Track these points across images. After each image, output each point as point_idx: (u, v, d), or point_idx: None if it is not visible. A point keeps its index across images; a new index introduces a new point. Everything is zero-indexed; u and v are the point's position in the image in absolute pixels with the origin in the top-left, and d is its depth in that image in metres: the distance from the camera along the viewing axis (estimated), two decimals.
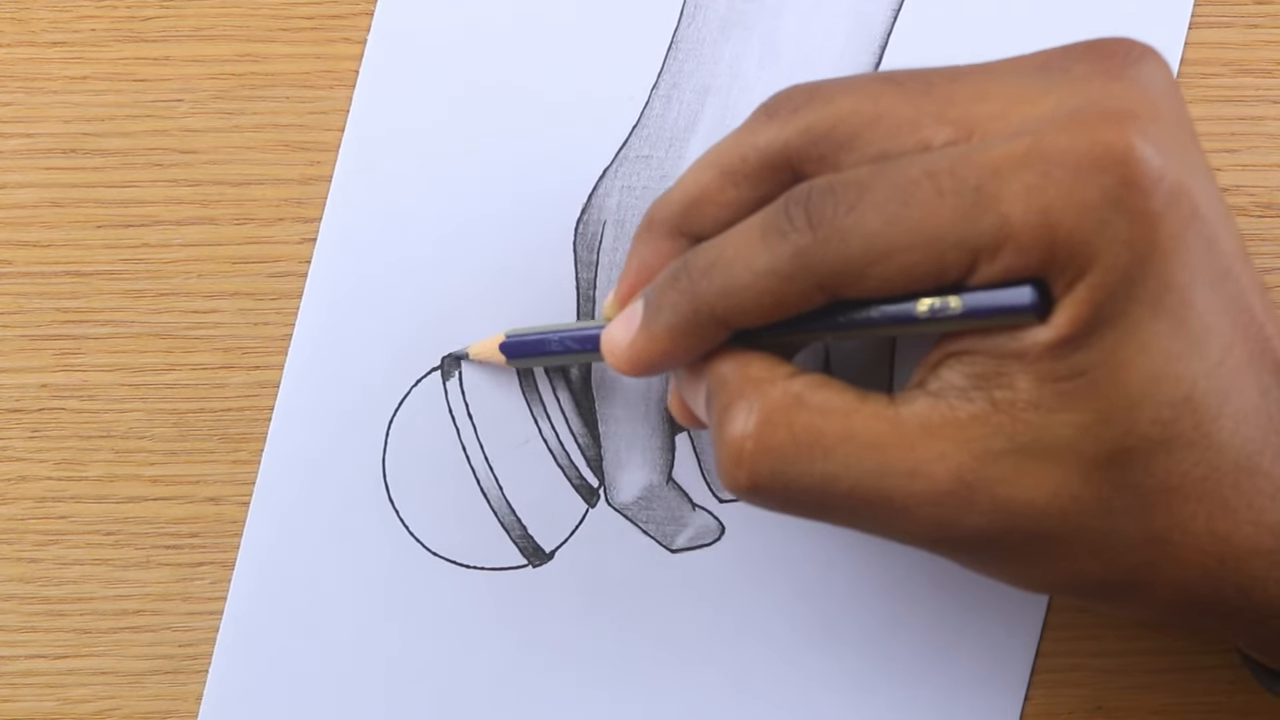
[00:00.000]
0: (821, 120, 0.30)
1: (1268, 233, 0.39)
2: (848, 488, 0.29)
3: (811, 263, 0.28)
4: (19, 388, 0.39)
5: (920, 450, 0.28)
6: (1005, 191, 0.27)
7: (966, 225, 0.27)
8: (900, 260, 0.28)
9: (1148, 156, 0.27)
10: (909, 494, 0.28)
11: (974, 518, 0.28)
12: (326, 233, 0.39)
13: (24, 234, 0.39)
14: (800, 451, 0.29)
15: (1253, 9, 0.39)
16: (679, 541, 0.38)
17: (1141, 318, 0.27)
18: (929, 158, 0.28)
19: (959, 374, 0.29)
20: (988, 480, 0.28)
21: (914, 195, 0.28)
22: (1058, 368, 0.27)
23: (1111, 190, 0.26)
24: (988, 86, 0.29)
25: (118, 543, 0.38)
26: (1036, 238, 0.27)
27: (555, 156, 0.39)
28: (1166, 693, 0.38)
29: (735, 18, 0.39)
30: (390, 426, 0.38)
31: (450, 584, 0.38)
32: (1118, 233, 0.26)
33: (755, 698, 0.38)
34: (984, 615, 0.38)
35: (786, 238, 0.29)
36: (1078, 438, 0.28)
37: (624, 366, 0.32)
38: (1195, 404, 0.27)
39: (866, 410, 0.29)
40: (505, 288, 0.39)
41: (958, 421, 0.28)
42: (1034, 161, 0.27)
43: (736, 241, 0.30)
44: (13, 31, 0.39)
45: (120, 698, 0.38)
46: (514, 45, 0.39)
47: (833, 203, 0.28)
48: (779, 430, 0.29)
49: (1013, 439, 0.28)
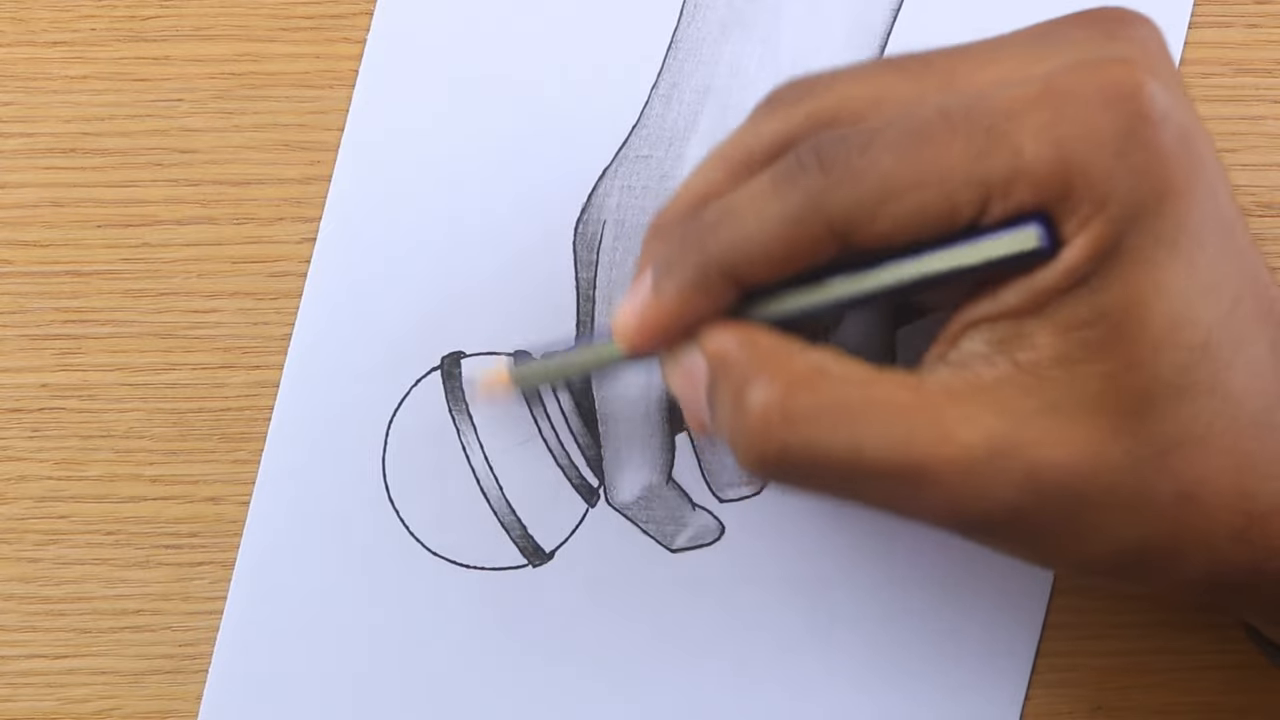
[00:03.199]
0: (824, 106, 0.30)
1: (1268, 232, 0.39)
2: (876, 457, 0.28)
3: (823, 203, 0.28)
4: (19, 388, 0.39)
5: (949, 415, 0.28)
6: (1018, 129, 0.27)
7: (979, 162, 0.27)
8: (912, 199, 0.27)
9: (1157, 95, 0.27)
10: (939, 460, 0.28)
11: (1006, 489, 0.28)
12: (326, 233, 0.39)
13: (24, 234, 0.39)
14: (828, 418, 0.28)
15: (1253, 9, 0.39)
16: (679, 541, 0.38)
17: (1159, 256, 0.27)
18: (943, 101, 0.28)
19: (979, 342, 0.29)
20: (1018, 444, 0.28)
21: (927, 134, 0.28)
22: (1079, 312, 0.27)
23: (1125, 124, 0.27)
24: (987, 56, 0.29)
25: (118, 542, 0.38)
26: (1050, 171, 0.27)
27: (555, 156, 0.39)
28: (1166, 693, 0.38)
29: (735, 18, 0.39)
30: (390, 426, 0.38)
31: (450, 584, 0.38)
32: (1133, 164, 0.27)
33: (755, 697, 0.38)
34: (984, 615, 0.38)
35: (797, 182, 0.28)
36: (1104, 389, 0.27)
37: (635, 338, 0.31)
38: (1211, 351, 0.27)
39: (889, 380, 0.29)
40: (505, 287, 0.39)
41: (983, 386, 0.28)
42: (1046, 100, 0.27)
43: (747, 193, 0.29)
44: (13, 31, 0.39)
45: (120, 698, 0.38)
46: (514, 45, 0.39)
47: (845, 145, 0.28)
48: (805, 398, 0.28)
49: (1040, 398, 0.28)
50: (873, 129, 0.28)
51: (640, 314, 0.31)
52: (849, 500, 0.30)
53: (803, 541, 0.38)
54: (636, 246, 0.38)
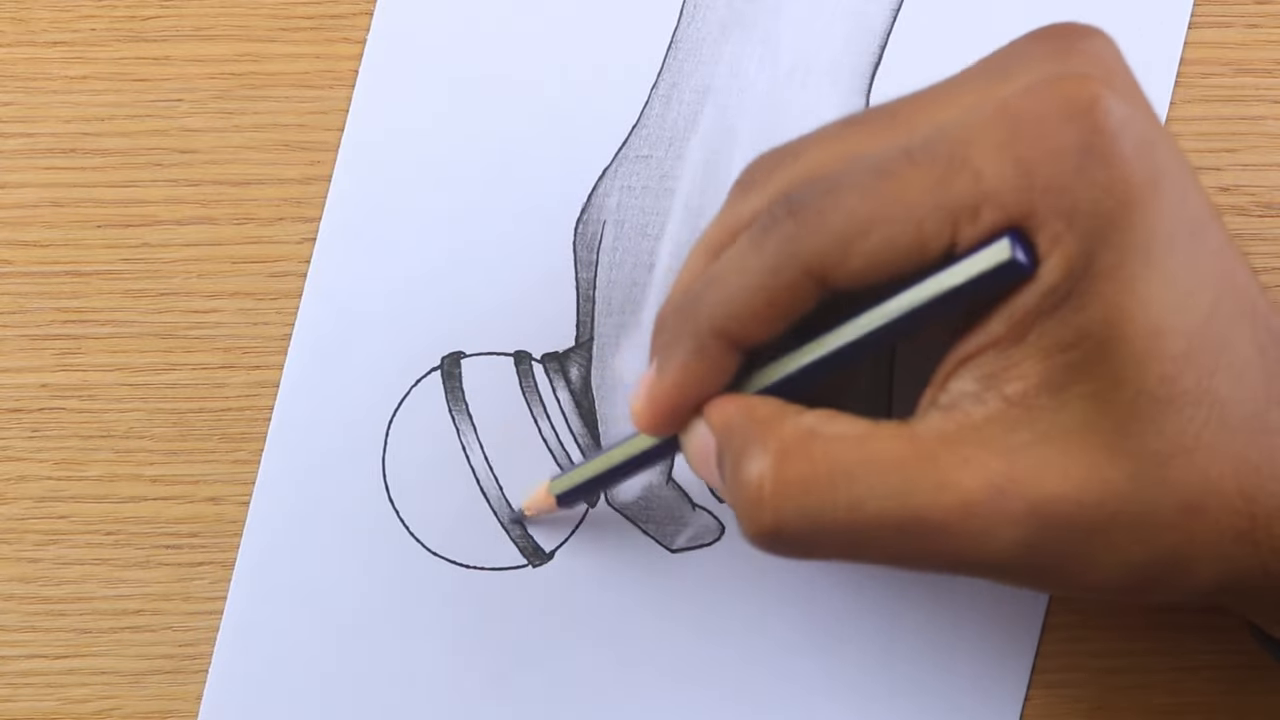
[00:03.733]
0: (796, 175, 0.30)
1: (1268, 233, 0.39)
2: (876, 513, 0.28)
3: (796, 249, 0.29)
4: (19, 388, 0.39)
5: (944, 462, 0.28)
6: (976, 153, 0.27)
7: (941, 190, 0.27)
8: (881, 234, 0.28)
9: (1113, 107, 0.27)
10: (940, 509, 0.28)
11: (1011, 528, 0.28)
12: (326, 233, 0.39)
13: (24, 234, 0.39)
14: (822, 482, 0.28)
15: (1253, 9, 0.39)
16: (679, 541, 0.38)
17: (1133, 269, 0.27)
18: (904, 140, 0.28)
19: (967, 381, 0.29)
20: (1017, 481, 0.28)
21: (889, 170, 0.28)
22: (1061, 334, 0.27)
23: (1083, 138, 0.27)
24: (946, 96, 0.29)
25: (118, 543, 0.38)
26: (1014, 190, 0.27)
27: (555, 156, 0.39)
28: (1166, 693, 0.38)
29: (735, 18, 0.39)
30: (390, 426, 0.38)
31: (450, 584, 0.38)
32: (1094, 177, 0.27)
33: (755, 698, 0.38)
34: (984, 616, 0.38)
35: (769, 232, 0.29)
36: (1094, 411, 0.27)
37: (650, 422, 0.31)
38: (1193, 358, 0.27)
39: (883, 433, 0.29)
40: (505, 287, 0.39)
41: (974, 426, 0.28)
42: (1002, 122, 0.27)
43: (728, 256, 0.30)
44: (13, 31, 0.39)
45: (120, 698, 0.38)
46: (514, 45, 0.39)
47: (812, 190, 0.29)
48: (797, 464, 0.29)
49: (1032, 430, 0.28)
50: (839, 173, 0.29)
51: (649, 394, 0.31)
52: (855, 561, 0.30)
53: None
54: (636, 246, 0.38)
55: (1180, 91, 0.39)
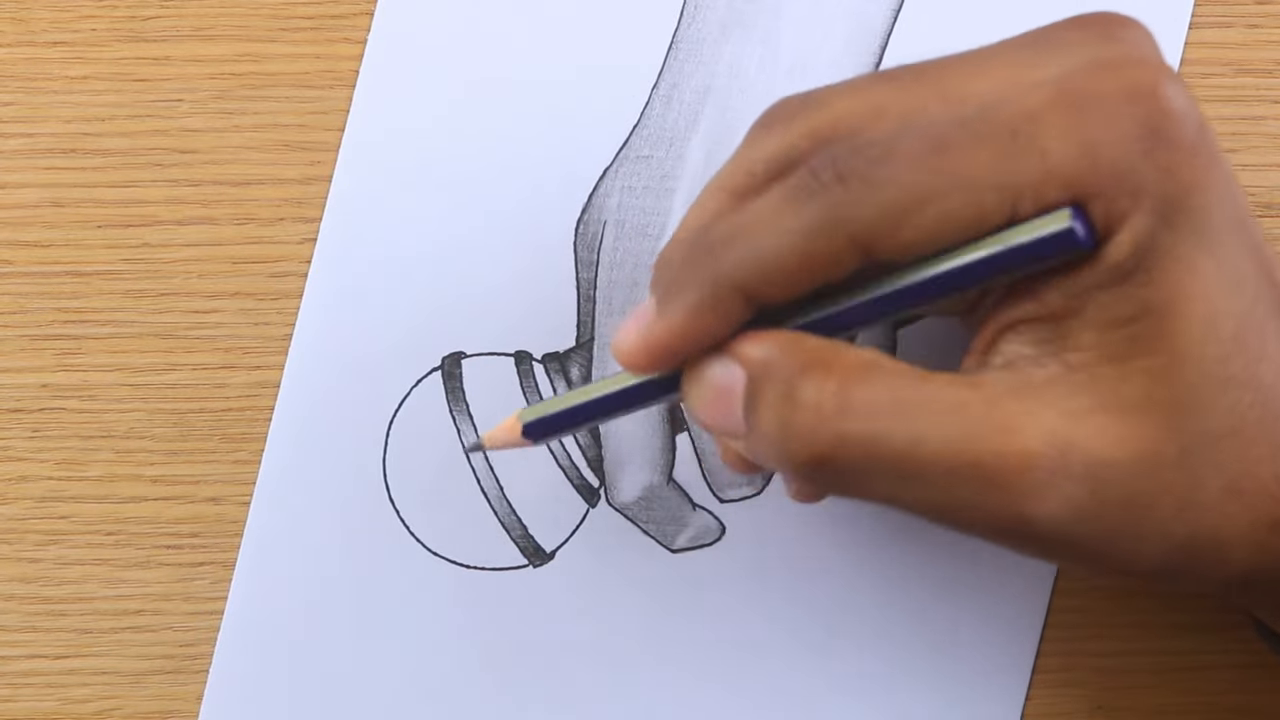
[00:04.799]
0: (823, 121, 0.30)
1: (1268, 233, 0.39)
2: (934, 451, 0.28)
3: (844, 216, 0.28)
4: (19, 388, 0.39)
5: (1009, 409, 0.28)
6: (1042, 131, 0.27)
7: (1006, 166, 0.27)
8: (939, 207, 0.27)
9: (1175, 91, 0.27)
10: (1002, 457, 0.27)
11: (1068, 485, 0.27)
12: (326, 233, 0.39)
13: (24, 234, 0.39)
14: (885, 410, 0.28)
15: (1253, 9, 0.39)
16: (679, 541, 0.38)
17: (1194, 252, 0.27)
18: (956, 111, 0.28)
19: (1023, 344, 0.28)
20: (1077, 442, 0.27)
21: (948, 142, 0.27)
22: (1124, 309, 0.27)
23: (1148, 121, 0.27)
24: (981, 65, 0.29)
25: (118, 543, 0.38)
26: (1079, 171, 0.27)
27: (555, 156, 0.39)
28: (1166, 693, 0.38)
29: (735, 18, 0.39)
30: (390, 426, 0.38)
31: (450, 584, 0.38)
32: (1160, 160, 0.27)
33: (755, 698, 0.38)
34: (984, 615, 0.38)
35: (815, 195, 0.28)
36: (1154, 384, 0.27)
37: (639, 359, 0.30)
38: (1243, 342, 0.28)
39: (945, 378, 0.28)
40: (505, 288, 0.39)
41: (1035, 386, 0.28)
42: (1067, 102, 0.27)
43: (759, 210, 0.29)
44: (13, 31, 0.39)
45: (120, 698, 0.38)
46: (514, 45, 0.39)
47: (863, 158, 0.28)
48: (862, 389, 0.28)
49: (1094, 397, 0.28)
50: (888, 140, 0.28)
51: (646, 335, 0.30)
52: (902, 504, 0.29)
53: (803, 542, 0.38)
54: (637, 247, 0.38)
55: None
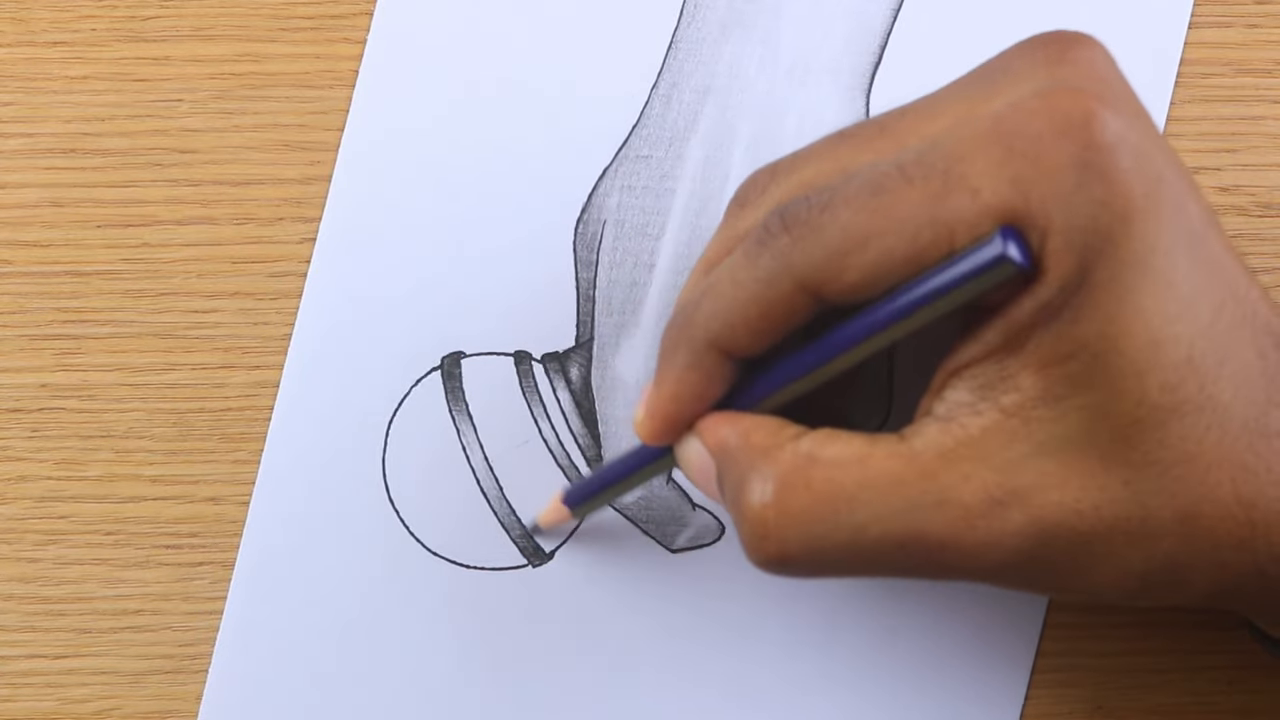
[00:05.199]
0: (789, 192, 0.31)
1: (1267, 233, 0.39)
2: (879, 534, 0.29)
3: (790, 262, 0.29)
4: (19, 388, 0.39)
5: (943, 477, 0.28)
6: (972, 169, 0.27)
7: (937, 205, 0.27)
8: (876, 247, 0.28)
9: (1108, 120, 0.27)
10: (941, 525, 0.28)
11: (1011, 538, 0.28)
12: (326, 233, 0.39)
13: (24, 234, 0.39)
14: (824, 509, 0.29)
15: (1253, 9, 0.39)
16: (679, 541, 0.38)
17: (1132, 281, 0.27)
18: (896, 155, 0.28)
19: (963, 391, 0.29)
20: (1016, 493, 0.28)
21: (883, 186, 0.28)
22: (1058, 347, 0.27)
23: (1078, 154, 0.27)
24: (937, 107, 0.29)
25: (118, 543, 0.38)
26: (1010, 206, 0.27)
27: (555, 156, 0.39)
28: (1166, 693, 0.38)
29: (735, 18, 0.39)
30: (390, 426, 0.38)
31: (450, 584, 0.38)
32: (1091, 193, 0.27)
33: (755, 698, 0.38)
34: (984, 615, 0.38)
35: (765, 245, 0.29)
36: (1091, 422, 0.28)
37: (648, 429, 0.32)
38: (1195, 365, 0.27)
39: (880, 452, 0.29)
40: (505, 288, 0.39)
41: (971, 439, 0.28)
42: (997, 138, 0.27)
43: (723, 267, 0.30)
44: (13, 31, 0.39)
45: (120, 698, 0.38)
46: (514, 45, 0.39)
47: (806, 206, 0.29)
48: (798, 493, 0.29)
49: (1029, 441, 0.28)
50: (832, 187, 0.29)
51: (648, 405, 0.32)
52: (862, 576, 0.30)
53: None
54: (636, 246, 0.38)
55: (1180, 91, 0.39)
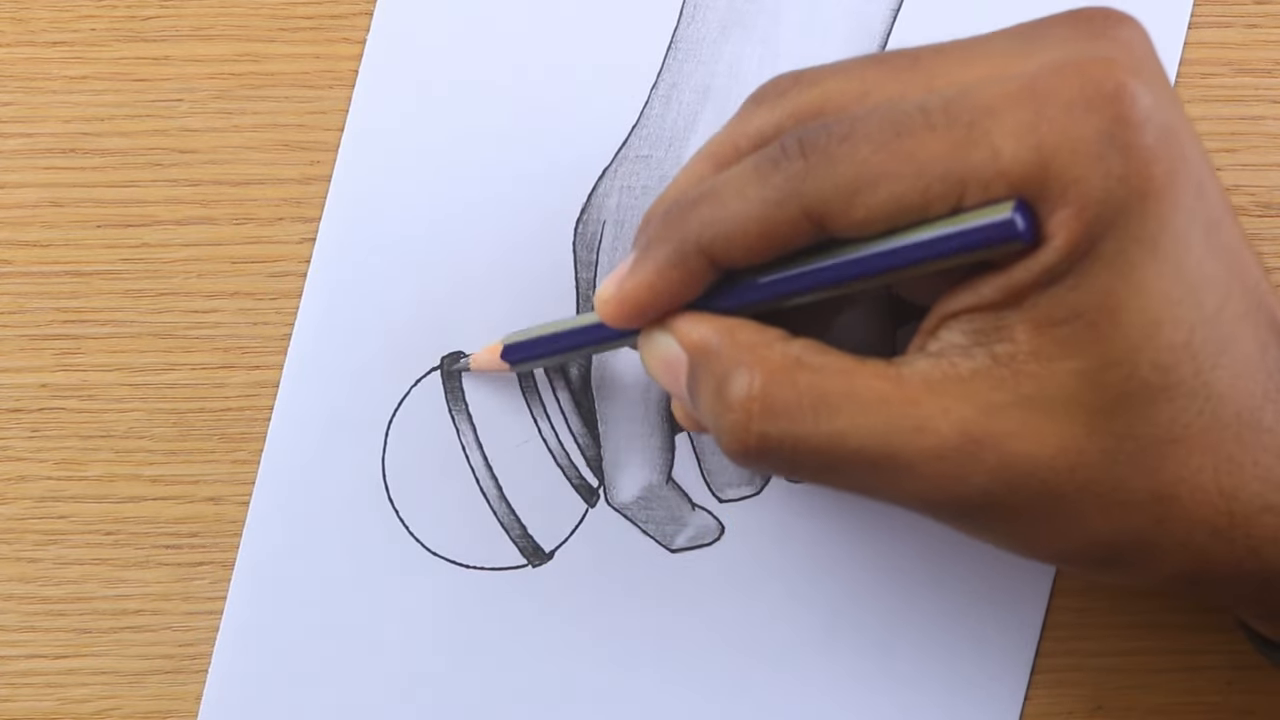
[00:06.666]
0: (810, 101, 0.30)
1: (1267, 233, 0.39)
2: (855, 446, 0.29)
3: (801, 188, 0.29)
4: (19, 388, 0.39)
5: (925, 406, 0.28)
6: (997, 127, 0.27)
7: (956, 157, 0.27)
8: (888, 189, 0.28)
9: (1139, 96, 0.27)
10: (916, 450, 0.28)
11: (980, 476, 0.28)
12: (326, 233, 0.39)
13: (24, 234, 0.39)
14: (806, 411, 0.29)
15: (1253, 9, 0.39)
16: (679, 541, 0.38)
17: (1139, 258, 0.27)
18: (924, 97, 0.28)
19: (958, 333, 0.29)
20: (993, 435, 0.28)
21: (906, 126, 0.28)
22: (1055, 310, 0.27)
23: (1105, 127, 0.27)
24: (972, 54, 0.29)
25: (118, 543, 0.38)
26: (1028, 172, 0.27)
27: (555, 156, 0.39)
28: (1166, 693, 0.38)
29: (735, 18, 0.39)
30: (390, 426, 0.38)
31: (450, 584, 0.38)
32: (1111, 167, 0.27)
33: (755, 698, 0.38)
34: (984, 615, 0.38)
35: (779, 166, 0.29)
36: (1080, 386, 0.28)
37: (612, 309, 0.32)
38: (1194, 351, 0.27)
39: (868, 370, 0.29)
40: (505, 288, 0.39)
41: (960, 377, 0.28)
42: (1027, 100, 0.27)
43: (729, 175, 0.30)
44: (13, 31, 0.39)
45: (120, 698, 0.38)
46: (514, 45, 0.39)
47: (826, 134, 0.29)
48: (784, 389, 0.29)
49: (1016, 392, 0.28)
50: (854, 118, 0.29)
51: (619, 288, 0.31)
52: (827, 484, 0.31)
53: (803, 542, 0.38)
54: None
55: (1180, 91, 0.39)
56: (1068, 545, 0.29)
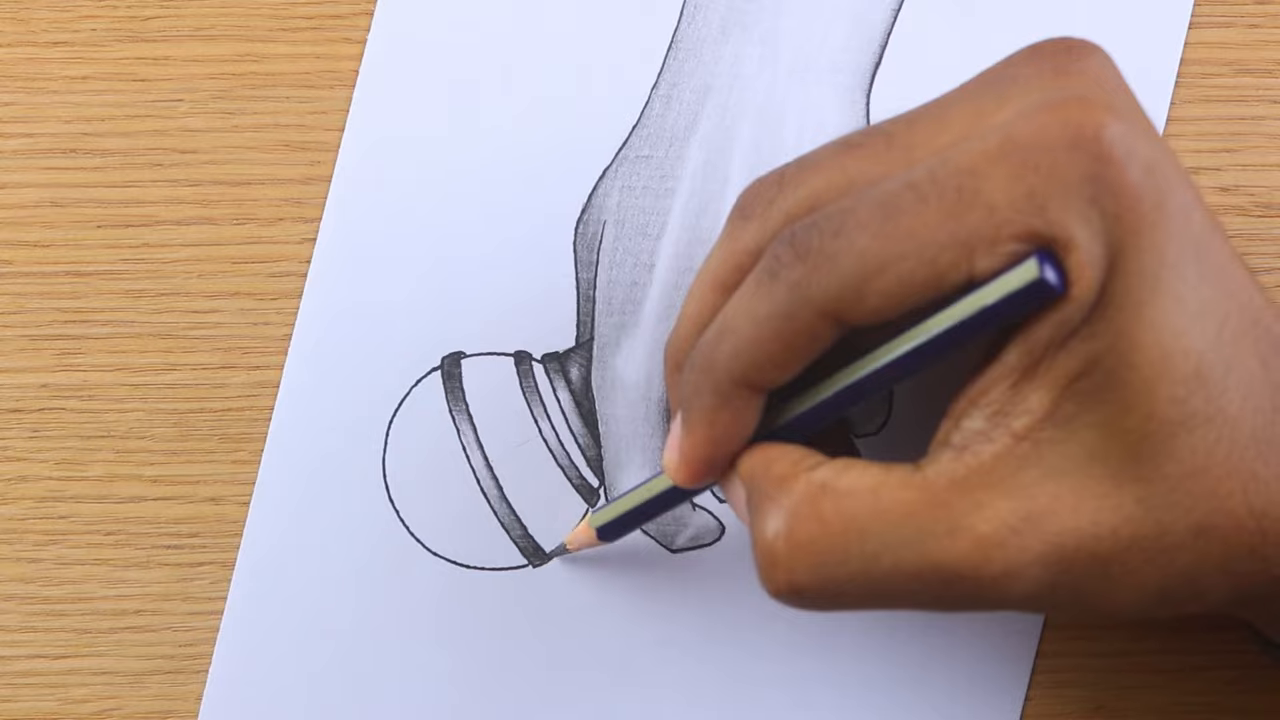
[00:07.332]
0: (798, 205, 0.30)
1: (1267, 233, 0.39)
2: (891, 564, 0.28)
3: (808, 294, 0.28)
4: (19, 388, 0.39)
5: (956, 507, 0.28)
6: (986, 185, 0.27)
7: (954, 224, 0.27)
8: (896, 271, 0.27)
9: (1118, 134, 0.27)
10: (956, 555, 0.28)
11: (1030, 566, 0.28)
12: (326, 233, 0.39)
13: (24, 234, 0.39)
14: (834, 541, 0.28)
15: (1253, 9, 0.39)
16: (679, 541, 0.38)
17: (1144, 295, 0.27)
18: (906, 173, 0.28)
19: (978, 419, 0.28)
20: (1031, 519, 0.28)
21: (897, 207, 0.28)
22: (1071, 365, 0.27)
23: (1089, 168, 0.27)
24: (943, 117, 0.29)
25: (118, 543, 0.38)
26: (1026, 222, 0.27)
27: (555, 156, 0.39)
28: (1166, 693, 0.38)
29: (735, 18, 0.39)
30: (390, 426, 0.38)
31: (450, 584, 0.38)
32: (1104, 207, 0.27)
33: (755, 698, 0.38)
34: (984, 616, 0.38)
35: (778, 277, 0.29)
36: (1101, 440, 0.27)
37: (683, 475, 0.32)
38: (1204, 378, 0.27)
39: (893, 481, 0.29)
40: (505, 288, 0.39)
41: (984, 466, 0.28)
42: (1008, 152, 0.27)
43: (736, 303, 0.30)
44: (13, 31, 0.39)
45: (120, 698, 0.38)
46: (514, 45, 0.39)
47: (817, 233, 0.28)
48: (808, 524, 0.29)
49: (1041, 464, 0.28)
50: (842, 210, 0.28)
51: (680, 451, 0.31)
52: (881, 609, 0.30)
53: None
54: (637, 246, 0.38)
55: (1180, 91, 0.39)
56: (1124, 601, 0.29)
